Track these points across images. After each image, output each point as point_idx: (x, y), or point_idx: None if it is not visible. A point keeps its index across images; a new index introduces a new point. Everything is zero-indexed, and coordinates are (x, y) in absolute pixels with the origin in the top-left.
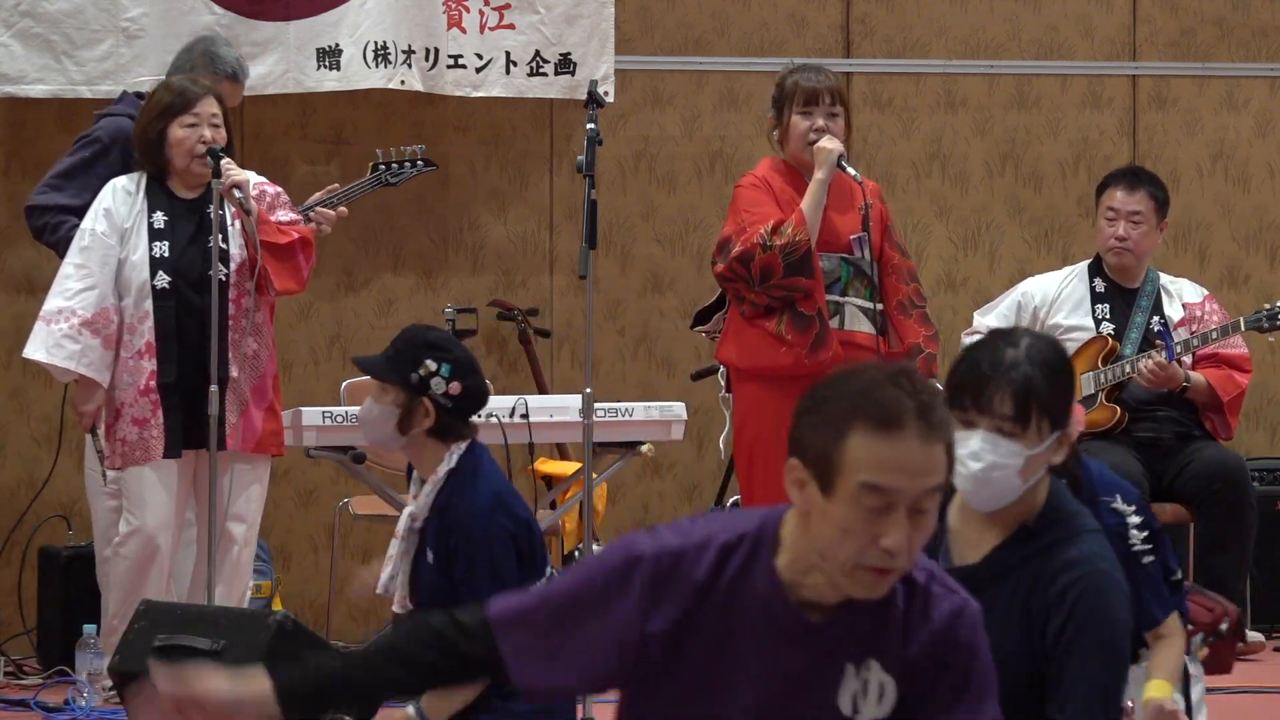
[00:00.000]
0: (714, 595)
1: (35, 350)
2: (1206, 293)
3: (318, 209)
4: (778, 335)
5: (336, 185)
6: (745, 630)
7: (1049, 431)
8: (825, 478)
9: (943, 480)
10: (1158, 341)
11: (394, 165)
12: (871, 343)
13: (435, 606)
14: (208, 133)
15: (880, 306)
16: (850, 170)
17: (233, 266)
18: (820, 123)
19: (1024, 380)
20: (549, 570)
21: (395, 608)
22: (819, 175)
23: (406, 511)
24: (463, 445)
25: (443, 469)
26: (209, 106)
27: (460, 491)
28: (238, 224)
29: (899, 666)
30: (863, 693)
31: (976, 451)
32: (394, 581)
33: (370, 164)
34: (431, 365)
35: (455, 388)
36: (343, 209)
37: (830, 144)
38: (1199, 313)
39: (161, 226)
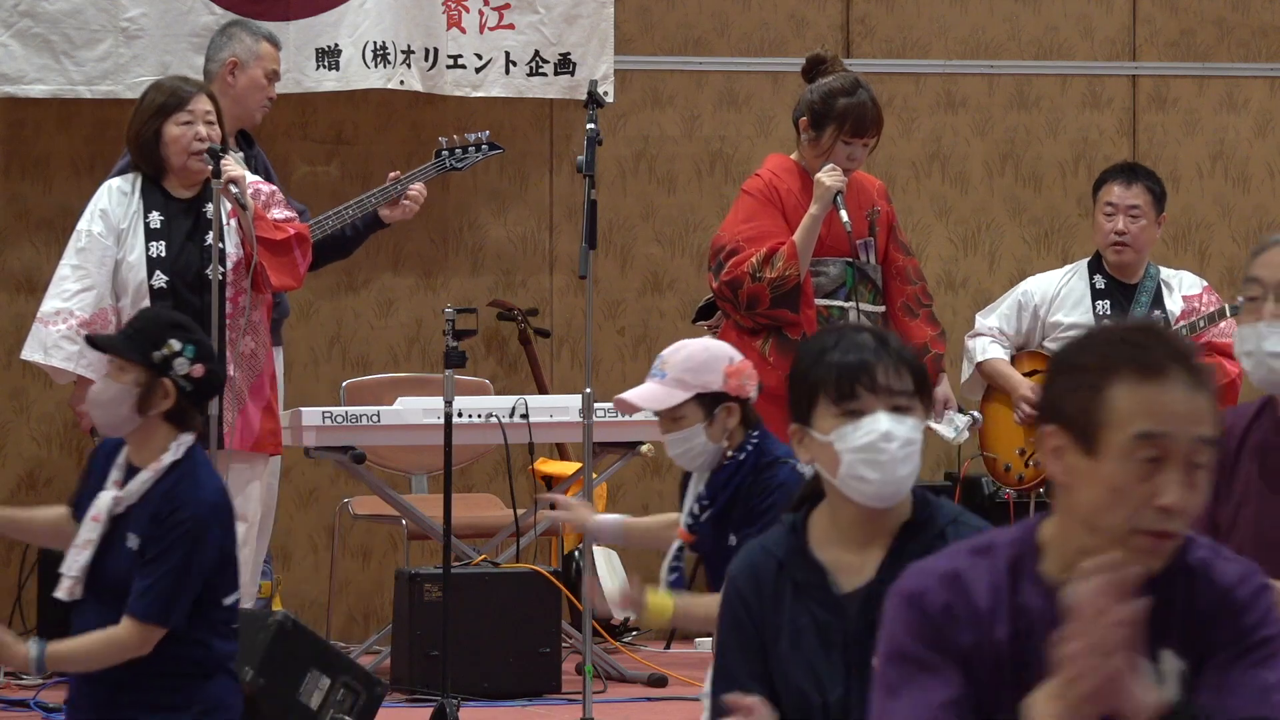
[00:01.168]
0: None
1: (33, 352)
2: (1205, 284)
3: (404, 202)
4: (762, 355)
5: (399, 173)
6: (1033, 648)
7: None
8: (1088, 436)
9: (1214, 433)
10: None
11: (458, 150)
12: None
13: (120, 594)
14: (203, 129)
15: (884, 309)
16: (843, 213)
17: (229, 265)
18: (858, 155)
19: (906, 354)
20: (237, 595)
21: (61, 594)
22: (813, 210)
23: (111, 496)
24: (189, 439)
25: (167, 459)
26: (202, 104)
27: (184, 481)
28: (233, 222)
29: (1188, 648)
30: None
31: (888, 432)
32: (75, 565)
33: (434, 150)
34: (175, 345)
35: (198, 370)
36: (420, 185)
37: (830, 180)
38: (1198, 304)
39: (158, 226)
